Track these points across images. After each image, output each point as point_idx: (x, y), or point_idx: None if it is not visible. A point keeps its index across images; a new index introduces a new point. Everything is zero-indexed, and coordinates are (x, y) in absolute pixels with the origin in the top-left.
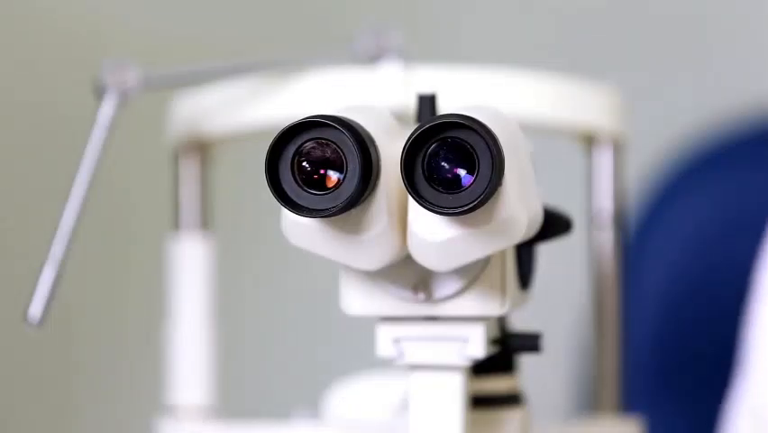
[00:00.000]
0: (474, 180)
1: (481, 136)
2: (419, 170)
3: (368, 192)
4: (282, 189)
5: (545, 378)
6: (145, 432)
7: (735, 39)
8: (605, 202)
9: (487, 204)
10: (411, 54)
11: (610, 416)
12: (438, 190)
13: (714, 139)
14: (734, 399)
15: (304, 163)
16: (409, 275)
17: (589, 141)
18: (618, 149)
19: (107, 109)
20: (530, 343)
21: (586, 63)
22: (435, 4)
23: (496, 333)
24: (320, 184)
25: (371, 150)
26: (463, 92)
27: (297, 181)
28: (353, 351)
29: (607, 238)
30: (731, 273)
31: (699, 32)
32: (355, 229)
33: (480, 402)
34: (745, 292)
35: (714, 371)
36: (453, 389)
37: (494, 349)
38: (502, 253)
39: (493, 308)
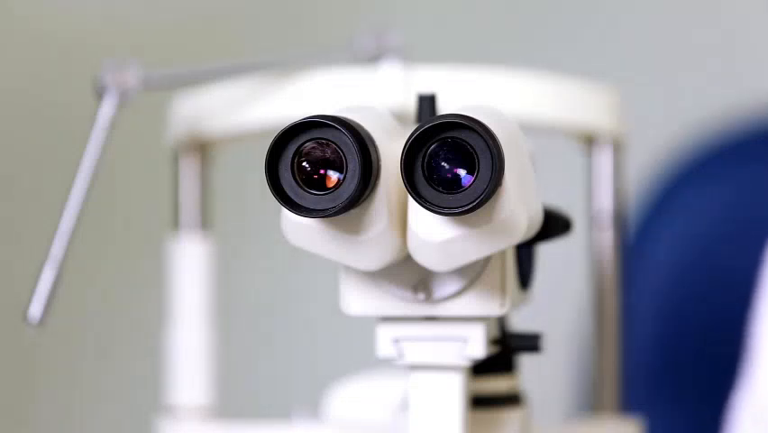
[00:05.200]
0: (474, 180)
1: (481, 136)
2: (419, 170)
3: (368, 192)
4: (282, 189)
5: (545, 378)
6: (145, 432)
7: (734, 39)
8: (605, 202)
9: (487, 204)
10: (411, 54)
11: (610, 416)
12: (438, 190)
13: (714, 139)
14: (737, 401)
15: (304, 163)
16: (409, 275)
17: (589, 141)
18: (618, 149)
19: (107, 109)
20: (530, 343)
21: (586, 63)
22: (436, 4)
23: (496, 333)
24: (320, 184)
25: (371, 150)
26: (463, 92)
27: (297, 181)
28: (353, 351)
29: (607, 238)
30: (731, 273)
31: (700, 32)
32: (355, 229)
33: (480, 402)
34: (744, 292)
35: (714, 371)
36: (453, 389)
37: (494, 349)
38: (502, 253)
39: (493, 308)
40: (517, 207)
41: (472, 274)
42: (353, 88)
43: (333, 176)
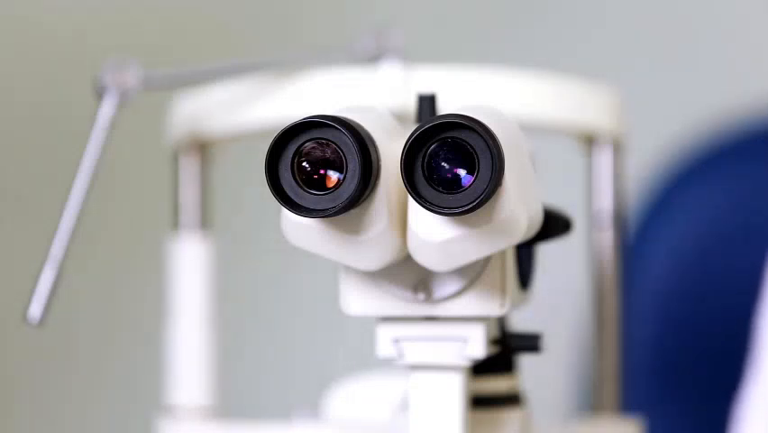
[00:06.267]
0: (474, 180)
1: (481, 136)
2: (419, 170)
3: (368, 192)
4: (282, 189)
5: (545, 378)
6: (145, 432)
7: (734, 39)
8: (605, 202)
9: (487, 204)
10: (411, 54)
11: (610, 416)
12: (438, 190)
13: (714, 139)
14: (744, 397)
15: (304, 163)
16: (409, 275)
17: (589, 141)
18: (618, 149)
19: (107, 109)
20: (530, 343)
21: (586, 63)
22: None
23: (496, 333)
24: (320, 184)
25: (371, 150)
26: (463, 92)
27: (297, 181)
28: (353, 351)
29: (607, 238)
30: (731, 272)
31: (699, 32)
32: (355, 229)
33: (480, 402)
34: (745, 292)
35: (714, 370)
36: (453, 389)
37: (494, 349)
38: (502, 253)
39: (493, 308)
40: (517, 207)
41: (472, 274)
42: (353, 88)
43: (333, 176)
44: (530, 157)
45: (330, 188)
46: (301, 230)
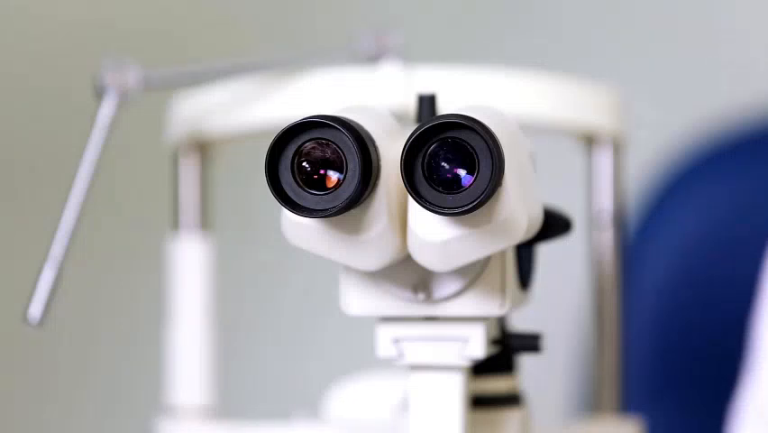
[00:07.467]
0: (474, 181)
1: (482, 136)
2: (419, 171)
3: (368, 192)
4: (282, 189)
5: (545, 378)
6: (145, 432)
7: (735, 38)
8: (605, 202)
9: (487, 204)
10: (411, 54)
11: (610, 416)
12: (438, 190)
13: (714, 139)
14: (740, 399)
15: (304, 163)
16: (409, 275)
17: (589, 141)
18: (618, 149)
19: (107, 109)
20: (530, 343)
21: (586, 63)
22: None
23: (496, 333)
24: (320, 184)
25: (371, 150)
26: (463, 92)
27: (297, 181)
28: (353, 351)
29: (607, 238)
30: (731, 273)
31: (700, 32)
32: (355, 229)
33: (480, 402)
34: (744, 292)
35: (714, 371)
36: (453, 389)
37: (494, 349)
38: (502, 253)
39: (493, 308)
40: (517, 207)
41: (472, 274)
42: (353, 88)
43: (333, 176)
44: (530, 157)
45: (330, 189)
46: (301, 230)
